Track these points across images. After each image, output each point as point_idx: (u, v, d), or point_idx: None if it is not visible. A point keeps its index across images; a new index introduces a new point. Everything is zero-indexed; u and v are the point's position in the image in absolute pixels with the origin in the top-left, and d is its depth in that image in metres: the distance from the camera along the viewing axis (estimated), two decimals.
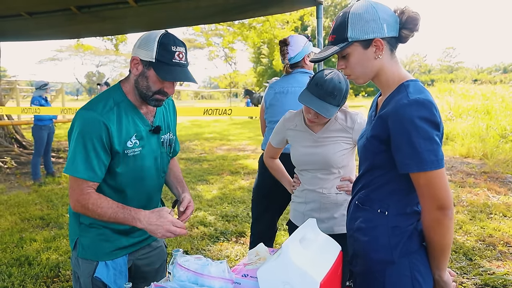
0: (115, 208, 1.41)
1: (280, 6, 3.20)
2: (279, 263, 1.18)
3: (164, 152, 1.66)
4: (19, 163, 7.87)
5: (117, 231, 1.55)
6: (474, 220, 4.35)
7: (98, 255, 1.53)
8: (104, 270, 1.52)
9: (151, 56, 1.40)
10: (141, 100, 1.50)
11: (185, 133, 13.74)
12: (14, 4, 3.14)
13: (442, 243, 1.20)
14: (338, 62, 1.30)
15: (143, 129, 1.53)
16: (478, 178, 6.22)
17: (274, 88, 2.53)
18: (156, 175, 1.62)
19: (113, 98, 1.48)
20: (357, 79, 1.30)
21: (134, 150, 1.49)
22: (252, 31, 14.25)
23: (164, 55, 1.39)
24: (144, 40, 1.43)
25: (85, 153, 1.40)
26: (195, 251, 3.63)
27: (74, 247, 1.55)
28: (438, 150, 1.13)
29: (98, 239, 1.53)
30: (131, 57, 1.48)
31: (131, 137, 1.48)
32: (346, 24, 1.22)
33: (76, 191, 1.42)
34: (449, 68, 63.83)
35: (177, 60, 1.42)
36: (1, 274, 3.18)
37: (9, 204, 5.21)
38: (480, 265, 3.26)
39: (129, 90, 1.50)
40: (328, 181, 1.87)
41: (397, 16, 1.23)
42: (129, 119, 1.49)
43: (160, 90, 1.46)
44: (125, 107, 1.48)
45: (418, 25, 1.23)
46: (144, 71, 1.43)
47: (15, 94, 14.73)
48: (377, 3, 1.23)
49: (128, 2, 3.01)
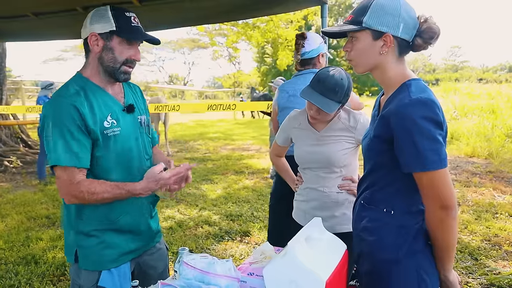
0: (110, 189, 1.38)
1: (285, 5, 3.19)
2: (285, 262, 1.18)
3: (144, 133, 1.61)
4: (25, 162, 7.92)
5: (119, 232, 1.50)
6: (480, 219, 4.33)
7: (101, 264, 1.47)
8: (109, 278, 1.47)
9: (110, 26, 1.40)
10: (108, 78, 1.47)
11: (189, 133, 13.76)
12: (21, 5, 3.16)
13: (447, 243, 1.19)
14: (345, 44, 1.30)
15: (117, 109, 1.49)
16: (483, 178, 6.19)
17: (287, 91, 2.48)
18: (139, 157, 1.56)
19: (75, 84, 1.44)
20: (356, 66, 1.30)
21: (113, 130, 1.45)
22: (256, 30, 14.27)
23: (123, 21, 1.42)
24: (95, 15, 1.43)
25: (63, 139, 1.35)
26: (200, 250, 3.64)
27: (75, 259, 1.48)
28: (441, 150, 1.12)
29: (100, 248, 1.47)
30: (86, 37, 1.45)
31: (106, 117, 1.44)
32: (367, 8, 1.21)
33: (64, 182, 1.37)
34: (454, 67, 63.47)
35: (135, 23, 1.45)
36: (8, 273, 3.21)
37: (15, 203, 5.25)
38: (486, 265, 3.25)
39: (91, 73, 1.47)
40: (329, 180, 1.87)
41: (418, 22, 1.22)
42: (99, 101, 1.44)
43: (127, 59, 1.45)
44: (92, 90, 1.45)
45: (434, 38, 1.21)
46: (106, 44, 1.42)
47: (20, 94, 14.84)
48: (404, 1, 1.21)
49: (132, 2, 3.02)
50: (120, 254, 1.52)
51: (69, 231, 1.51)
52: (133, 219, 1.55)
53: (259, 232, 4.07)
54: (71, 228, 1.50)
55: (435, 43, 1.22)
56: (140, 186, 1.39)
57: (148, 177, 1.40)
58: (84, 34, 1.46)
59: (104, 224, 1.47)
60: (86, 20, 1.45)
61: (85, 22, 1.45)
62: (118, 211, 1.49)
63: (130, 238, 1.54)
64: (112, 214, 1.48)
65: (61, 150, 1.35)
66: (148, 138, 1.65)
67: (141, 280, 1.63)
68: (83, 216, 1.46)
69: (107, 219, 1.48)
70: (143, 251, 1.62)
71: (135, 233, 1.56)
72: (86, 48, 1.47)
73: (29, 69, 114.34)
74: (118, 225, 1.50)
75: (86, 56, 1.49)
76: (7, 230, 4.25)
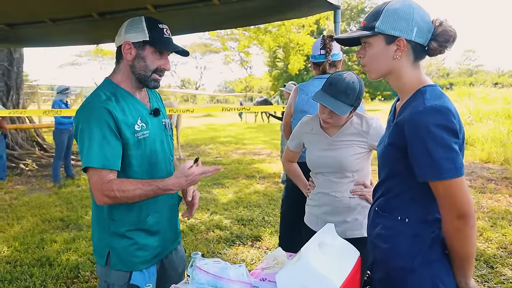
0: (141, 186, 1.39)
1: (298, 10, 3.20)
2: (298, 268, 1.18)
3: (169, 135, 1.67)
4: (40, 165, 8.07)
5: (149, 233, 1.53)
6: (495, 227, 4.24)
7: (134, 265, 1.51)
8: (140, 277, 1.51)
9: (144, 36, 1.46)
10: (138, 84, 1.53)
11: (200, 137, 13.84)
12: (39, 11, 3.24)
13: (465, 252, 1.17)
14: (359, 50, 1.30)
15: (145, 113, 1.55)
16: (499, 184, 6.07)
17: (307, 93, 2.43)
18: (165, 158, 1.61)
19: (105, 90, 1.49)
20: (370, 72, 1.29)
21: (143, 133, 1.50)
22: (268, 35, 14.31)
23: (156, 32, 1.47)
24: (130, 25, 1.49)
25: (96, 142, 1.38)
26: (211, 254, 3.65)
27: (106, 261, 1.50)
28: (456, 158, 1.10)
29: (133, 249, 1.50)
30: (119, 45, 1.50)
31: (136, 121, 1.49)
32: (379, 14, 1.21)
33: (96, 183, 1.39)
34: (468, 72, 62.58)
35: (167, 35, 1.50)
36: (23, 274, 3.27)
37: (31, 206, 5.34)
38: (502, 273, 3.18)
39: (121, 79, 1.53)
40: (342, 185, 1.86)
41: (433, 26, 1.20)
42: (129, 105, 1.50)
43: (158, 68, 1.50)
44: (122, 95, 1.50)
45: (450, 41, 1.19)
46: (139, 53, 1.48)
47: (36, 98, 15.12)
48: (418, 6, 1.21)
49: (147, 8, 3.07)
50: (152, 256, 1.56)
51: (101, 233, 1.54)
52: (161, 218, 1.59)
53: (270, 236, 4.06)
54: (103, 230, 1.53)
55: (451, 46, 1.20)
56: (171, 181, 1.40)
57: (178, 172, 1.42)
58: (118, 42, 1.52)
59: (135, 224, 1.51)
60: (121, 29, 1.51)
61: (120, 31, 1.51)
62: (146, 211, 1.53)
63: (159, 239, 1.58)
64: (142, 214, 1.52)
65: (94, 152, 1.38)
66: (172, 140, 1.71)
67: (161, 280, 1.65)
68: (115, 217, 1.49)
69: (137, 219, 1.51)
70: (169, 252, 1.67)
71: (163, 234, 1.60)
72: (118, 55, 1.53)
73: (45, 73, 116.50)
74: (147, 225, 1.53)
75: (117, 62, 1.55)
76: (22, 232, 4.33)
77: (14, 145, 8.41)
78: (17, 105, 8.72)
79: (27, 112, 5.44)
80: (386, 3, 1.23)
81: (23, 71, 9.28)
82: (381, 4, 1.25)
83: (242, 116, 22.64)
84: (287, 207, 2.63)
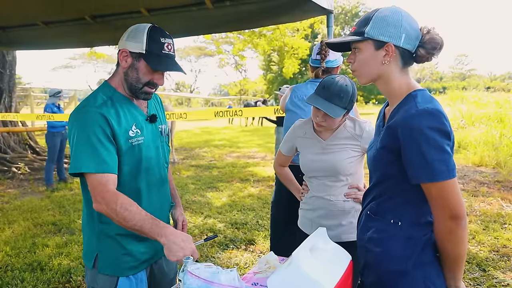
0: (144, 216, 1.34)
1: (291, 15, 3.22)
2: (289, 272, 1.18)
3: (164, 142, 1.65)
4: (33, 169, 7.99)
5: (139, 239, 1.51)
6: (488, 230, 4.27)
7: (121, 270, 1.49)
8: (127, 283, 1.49)
9: (141, 48, 1.42)
10: (130, 93, 1.50)
11: (195, 140, 13.81)
12: (32, 14, 3.23)
13: (456, 254, 1.18)
14: (349, 55, 1.32)
15: (141, 118, 1.53)
16: (491, 187, 6.12)
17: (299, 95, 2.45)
18: (158, 165, 1.59)
19: (102, 93, 1.47)
20: (360, 77, 1.31)
21: (137, 139, 1.48)
22: (262, 38, 14.35)
23: (154, 47, 1.42)
24: (132, 32, 1.45)
25: (91, 146, 1.35)
26: (205, 258, 3.63)
27: (93, 264, 1.48)
28: (449, 160, 1.12)
29: (120, 253, 1.48)
30: (118, 50, 1.48)
31: (131, 126, 1.47)
32: (369, 20, 1.24)
33: (98, 188, 1.35)
34: (461, 76, 63.17)
35: (166, 51, 1.45)
36: (14, 279, 3.23)
37: (22, 210, 5.29)
38: (494, 276, 3.20)
39: (118, 84, 1.51)
40: (336, 189, 1.87)
41: (421, 33, 1.23)
42: (125, 110, 1.48)
43: (150, 81, 1.47)
44: (118, 100, 1.48)
45: (437, 49, 1.21)
46: (133, 63, 1.44)
47: (29, 101, 15.02)
48: (407, 13, 1.24)
49: (141, 11, 3.07)
50: (139, 262, 1.54)
51: (91, 236, 1.52)
52: None
53: (264, 240, 4.06)
54: (93, 233, 1.50)
55: (438, 54, 1.23)
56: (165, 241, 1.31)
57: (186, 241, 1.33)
58: (119, 46, 1.49)
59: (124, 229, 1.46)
60: (124, 34, 1.48)
61: (123, 35, 1.48)
62: None
63: (148, 246, 1.55)
64: None
65: (89, 157, 1.35)
66: (167, 147, 1.69)
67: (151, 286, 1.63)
68: (105, 220, 1.47)
69: None
70: (158, 258, 1.64)
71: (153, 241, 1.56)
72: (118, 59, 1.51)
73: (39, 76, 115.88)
74: None
75: (117, 66, 1.53)
76: (13, 236, 4.28)
77: (6, 148, 8.33)
78: (9, 108, 8.64)
79: (19, 116, 5.38)
80: (376, 10, 1.26)
81: (15, 73, 9.20)
82: (371, 10, 1.28)
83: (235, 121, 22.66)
84: (276, 211, 2.64)
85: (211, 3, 2.85)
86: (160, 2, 2.99)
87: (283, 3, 2.82)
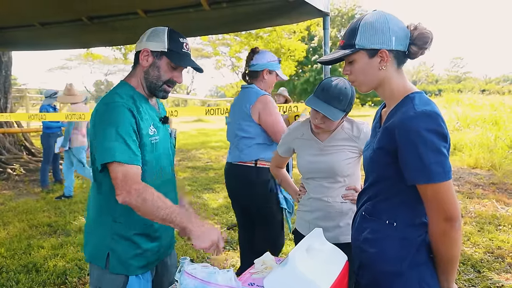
0: (171, 204, 1.37)
1: (288, 17, 3.24)
2: (285, 272, 1.19)
3: (172, 143, 1.69)
4: (28, 170, 7.95)
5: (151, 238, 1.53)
6: (483, 231, 4.30)
7: (132, 269, 1.50)
8: (136, 283, 1.50)
9: (163, 46, 1.49)
10: (149, 92, 1.56)
11: (191, 142, 13.79)
12: (28, 15, 3.22)
13: (450, 255, 1.19)
14: (344, 67, 1.32)
15: (156, 119, 1.58)
16: (486, 189, 6.16)
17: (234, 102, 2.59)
18: (166, 165, 1.62)
19: (125, 91, 1.51)
20: (360, 86, 1.32)
21: (155, 138, 1.52)
22: (259, 40, 14.34)
23: (175, 45, 1.51)
24: (153, 33, 1.52)
25: (122, 139, 1.37)
26: (201, 259, 3.63)
27: (105, 264, 1.48)
28: (445, 162, 1.13)
29: (133, 253, 1.49)
30: (139, 51, 1.53)
31: (150, 125, 1.52)
32: (356, 30, 1.24)
33: (129, 179, 1.34)
34: (456, 78, 63.47)
35: (185, 50, 1.54)
36: (9, 281, 3.21)
37: (18, 211, 5.26)
38: (489, 278, 3.22)
39: (137, 84, 1.56)
40: (333, 190, 1.88)
41: (409, 31, 1.24)
42: (145, 110, 1.53)
43: (170, 79, 1.54)
44: (139, 99, 1.53)
45: (428, 43, 1.22)
46: (155, 61, 1.51)
47: (25, 102, 14.93)
48: (390, 15, 1.24)
49: (138, 13, 3.07)
50: (151, 261, 1.56)
51: (102, 235, 1.51)
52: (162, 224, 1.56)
53: None
54: (104, 232, 1.50)
55: (430, 47, 1.24)
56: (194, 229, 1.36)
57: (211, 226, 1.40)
58: (138, 47, 1.55)
59: (141, 228, 1.51)
60: (143, 36, 1.54)
61: (142, 37, 1.55)
62: None
63: (159, 245, 1.58)
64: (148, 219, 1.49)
65: (121, 148, 1.36)
66: (173, 149, 1.72)
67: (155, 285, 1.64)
68: (121, 220, 1.48)
69: (144, 223, 1.50)
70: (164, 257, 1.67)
71: (162, 240, 1.60)
72: (135, 60, 1.57)
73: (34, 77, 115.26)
74: (152, 229, 1.53)
75: (133, 67, 1.58)
76: (9, 238, 4.26)
77: (1, 149, 8.28)
78: (5, 109, 8.59)
79: (12, 116, 5.33)
80: (359, 19, 1.26)
81: (11, 74, 9.16)
82: (355, 20, 1.27)
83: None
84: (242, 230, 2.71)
85: (208, 4, 2.86)
86: (157, 4, 2.99)
87: (280, 5, 2.83)
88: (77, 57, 40.27)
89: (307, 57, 28.19)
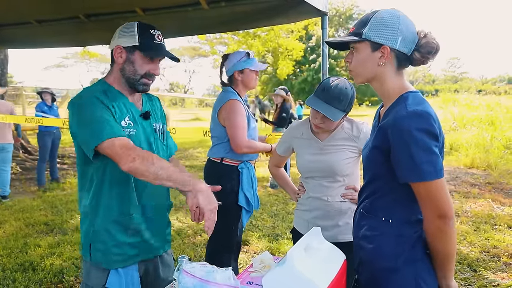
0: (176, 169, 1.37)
1: (286, 16, 3.23)
2: (284, 271, 1.19)
3: (158, 139, 1.67)
4: (24, 168, 7.92)
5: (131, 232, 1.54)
6: (479, 231, 4.32)
7: (110, 262, 1.51)
8: (116, 279, 1.51)
9: (134, 41, 1.50)
10: (129, 87, 1.56)
11: (189, 141, 13.77)
12: (25, 12, 3.20)
13: (446, 252, 1.21)
14: (347, 55, 1.34)
15: (134, 113, 1.58)
16: (482, 189, 6.19)
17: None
18: None
19: (98, 87, 1.53)
20: (356, 76, 1.33)
21: (129, 130, 1.52)
22: (257, 39, 14.35)
23: (146, 38, 1.51)
24: (123, 30, 1.54)
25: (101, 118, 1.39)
26: (199, 258, 3.63)
27: (89, 256, 1.52)
28: (436, 161, 1.15)
29: (110, 245, 1.51)
30: (112, 49, 1.55)
31: (124, 118, 1.52)
32: (367, 21, 1.26)
33: (126, 148, 1.35)
34: (453, 79, 63.76)
35: (157, 41, 1.54)
36: (6, 279, 3.19)
37: (14, 210, 5.24)
38: (485, 277, 3.24)
39: (113, 81, 1.57)
40: (332, 189, 1.88)
41: (418, 37, 1.25)
42: (119, 103, 1.53)
43: (147, 72, 1.54)
44: (113, 94, 1.54)
45: (432, 53, 1.23)
46: (128, 56, 1.52)
47: (21, 100, 14.88)
48: (405, 17, 1.25)
49: (136, 11, 3.06)
50: (127, 256, 1.55)
51: (87, 227, 1.54)
52: (147, 220, 1.58)
53: (257, 241, 4.06)
54: (89, 223, 1.54)
55: (433, 58, 1.25)
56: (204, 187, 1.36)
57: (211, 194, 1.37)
58: (112, 45, 1.56)
59: (116, 216, 1.51)
60: (116, 34, 1.56)
61: (114, 35, 1.56)
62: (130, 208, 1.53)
63: (138, 240, 1.57)
64: (125, 210, 1.52)
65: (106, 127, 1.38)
66: (162, 145, 1.71)
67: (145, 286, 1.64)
68: (99, 209, 1.50)
69: (122, 214, 1.51)
70: (153, 257, 1.65)
71: (146, 236, 1.59)
72: (112, 58, 1.58)
73: (31, 75, 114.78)
74: (131, 222, 1.53)
75: (111, 65, 1.59)
76: (5, 236, 4.24)
77: None
78: None
79: (8, 119, 5.32)
80: (375, 11, 1.28)
81: (7, 72, 9.11)
82: (370, 12, 1.29)
83: None
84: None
85: (207, 3, 2.85)
86: (155, 2, 2.98)
87: (278, 4, 2.83)
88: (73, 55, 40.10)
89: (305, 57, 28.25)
